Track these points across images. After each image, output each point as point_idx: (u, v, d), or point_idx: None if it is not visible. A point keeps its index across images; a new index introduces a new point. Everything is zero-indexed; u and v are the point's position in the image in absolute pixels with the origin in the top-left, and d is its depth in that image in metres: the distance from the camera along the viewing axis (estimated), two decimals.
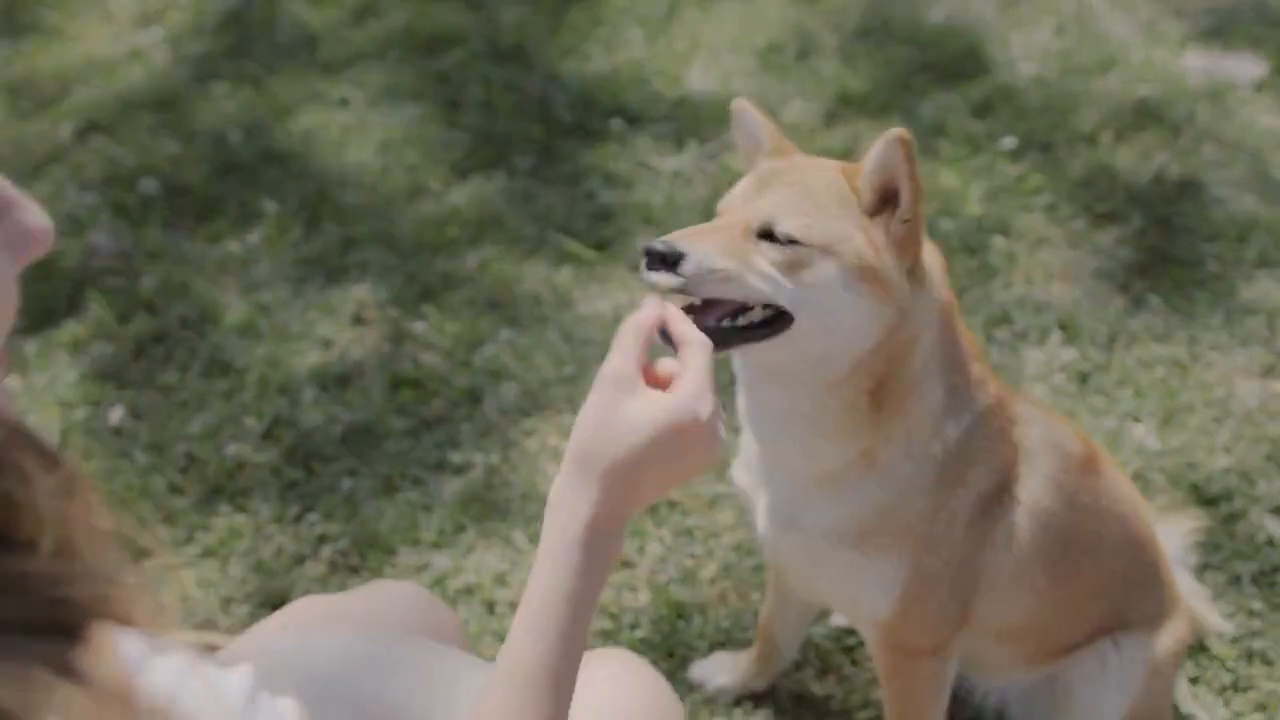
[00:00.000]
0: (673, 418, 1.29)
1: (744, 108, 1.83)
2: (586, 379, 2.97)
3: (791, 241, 1.63)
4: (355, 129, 3.79)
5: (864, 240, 1.65)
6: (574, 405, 2.91)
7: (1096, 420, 2.84)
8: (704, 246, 1.60)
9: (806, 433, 1.78)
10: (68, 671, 0.80)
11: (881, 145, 1.66)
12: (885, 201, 1.68)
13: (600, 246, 3.36)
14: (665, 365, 1.37)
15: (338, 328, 3.13)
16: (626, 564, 2.60)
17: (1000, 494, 1.85)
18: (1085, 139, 3.65)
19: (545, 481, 2.75)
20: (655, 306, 1.38)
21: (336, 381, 2.99)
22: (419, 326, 3.12)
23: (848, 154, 3.61)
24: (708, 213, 3.41)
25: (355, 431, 2.86)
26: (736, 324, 1.66)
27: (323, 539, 2.67)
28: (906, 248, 1.68)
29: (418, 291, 3.22)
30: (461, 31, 4.16)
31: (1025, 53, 4.00)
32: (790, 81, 3.93)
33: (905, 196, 1.66)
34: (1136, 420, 2.87)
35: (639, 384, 1.31)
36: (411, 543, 2.64)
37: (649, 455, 1.29)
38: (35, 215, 0.94)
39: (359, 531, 2.66)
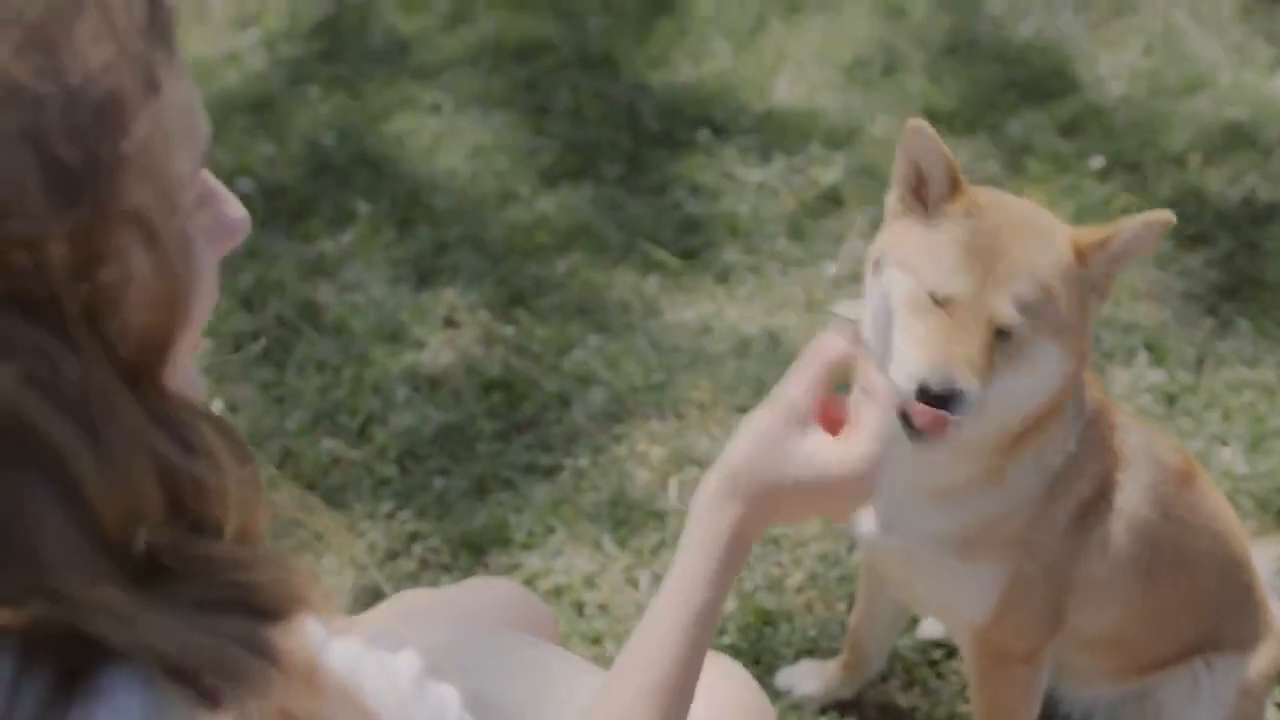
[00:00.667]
0: (837, 471, 1.29)
1: (920, 128, 1.73)
2: (674, 386, 3.01)
3: (1023, 334, 1.63)
4: (446, 134, 3.85)
5: (1086, 318, 1.66)
6: (662, 411, 2.95)
7: (1184, 442, 2.84)
8: (974, 381, 1.56)
9: (936, 458, 1.78)
10: (259, 649, 0.85)
11: (1143, 228, 1.64)
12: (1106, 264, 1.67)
13: (687, 256, 3.40)
14: (842, 405, 1.35)
15: (429, 329, 3.18)
16: None
17: (1099, 501, 1.86)
18: (1174, 160, 3.64)
19: (633, 486, 2.79)
20: (848, 342, 1.35)
21: (428, 382, 3.04)
22: (509, 330, 3.17)
23: None
24: (793, 225, 3.47)
25: (447, 432, 2.92)
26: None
27: (414, 536, 2.72)
28: (1105, 295, 1.69)
29: (508, 296, 3.28)
30: (550, 40, 4.22)
31: (1113, 72, 4.00)
32: (876, 96, 3.95)
33: (1128, 268, 1.68)
34: (1224, 444, 2.87)
35: (811, 423, 1.30)
36: (502, 543, 2.69)
37: (801, 494, 1.30)
38: (235, 207, 0.98)
39: (451, 530, 2.71)
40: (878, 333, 1.73)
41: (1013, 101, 3.89)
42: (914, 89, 3.96)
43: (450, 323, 3.21)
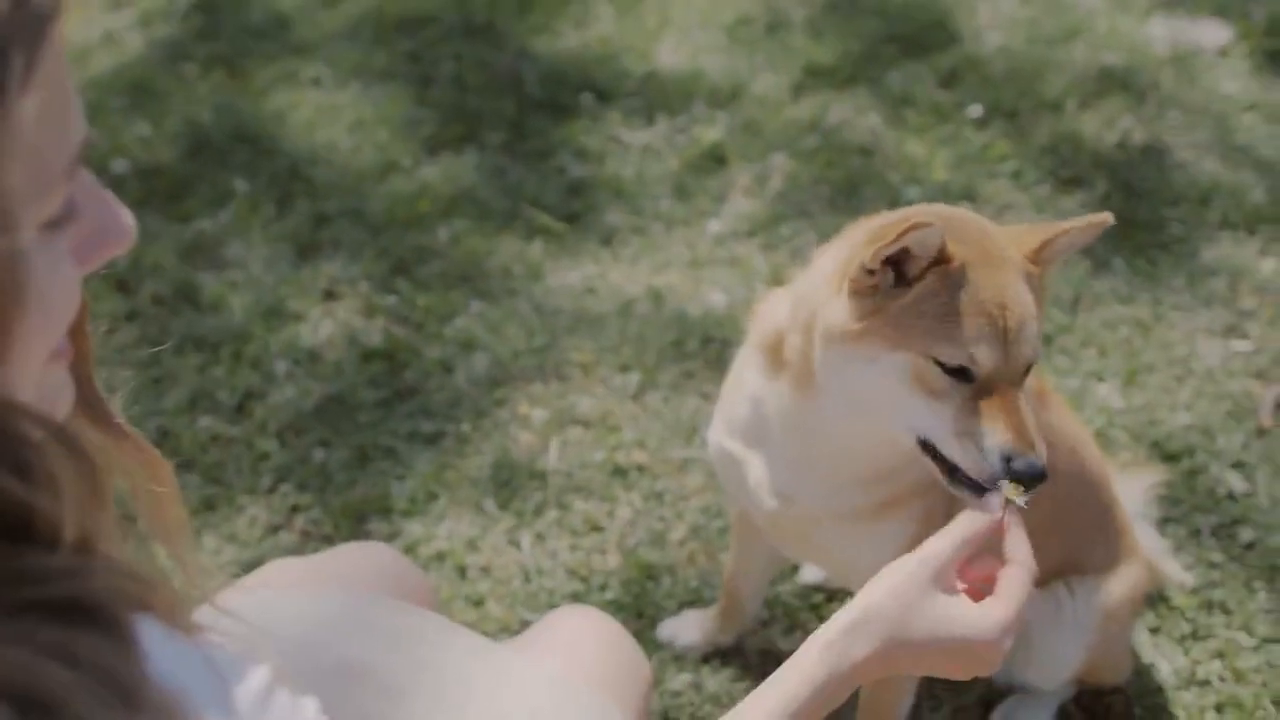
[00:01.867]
0: (974, 636, 1.33)
1: (928, 225, 1.54)
2: (556, 349, 3.00)
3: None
4: (327, 108, 3.81)
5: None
6: (544, 374, 2.94)
7: (1061, 380, 2.88)
8: (1045, 451, 1.58)
9: (879, 456, 1.78)
10: (74, 660, 0.80)
11: (1082, 232, 1.68)
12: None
13: (571, 220, 3.39)
14: (982, 568, 1.42)
15: (309, 303, 3.15)
16: (595, 528, 2.63)
17: None
18: (1051, 106, 3.68)
19: (515, 449, 2.78)
20: (1002, 514, 1.44)
21: (308, 356, 3.01)
22: (390, 300, 3.15)
23: (815, 124, 3.65)
24: (678, 186, 3.47)
25: (327, 404, 2.89)
26: None
27: (295, 509, 2.69)
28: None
29: (389, 266, 3.25)
30: (432, 10, 4.18)
31: (992, 22, 4.03)
32: (759, 55, 3.96)
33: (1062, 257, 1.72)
34: (1100, 379, 2.90)
35: (954, 583, 1.35)
36: (384, 511, 2.67)
37: (931, 652, 1.33)
38: (117, 214, 0.93)
39: (332, 501, 2.69)
40: (849, 404, 1.69)
41: (893, 54, 3.91)
42: (796, 46, 3.97)
43: (330, 295, 3.18)
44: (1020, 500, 1.48)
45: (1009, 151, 3.51)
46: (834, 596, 2.47)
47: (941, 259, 1.56)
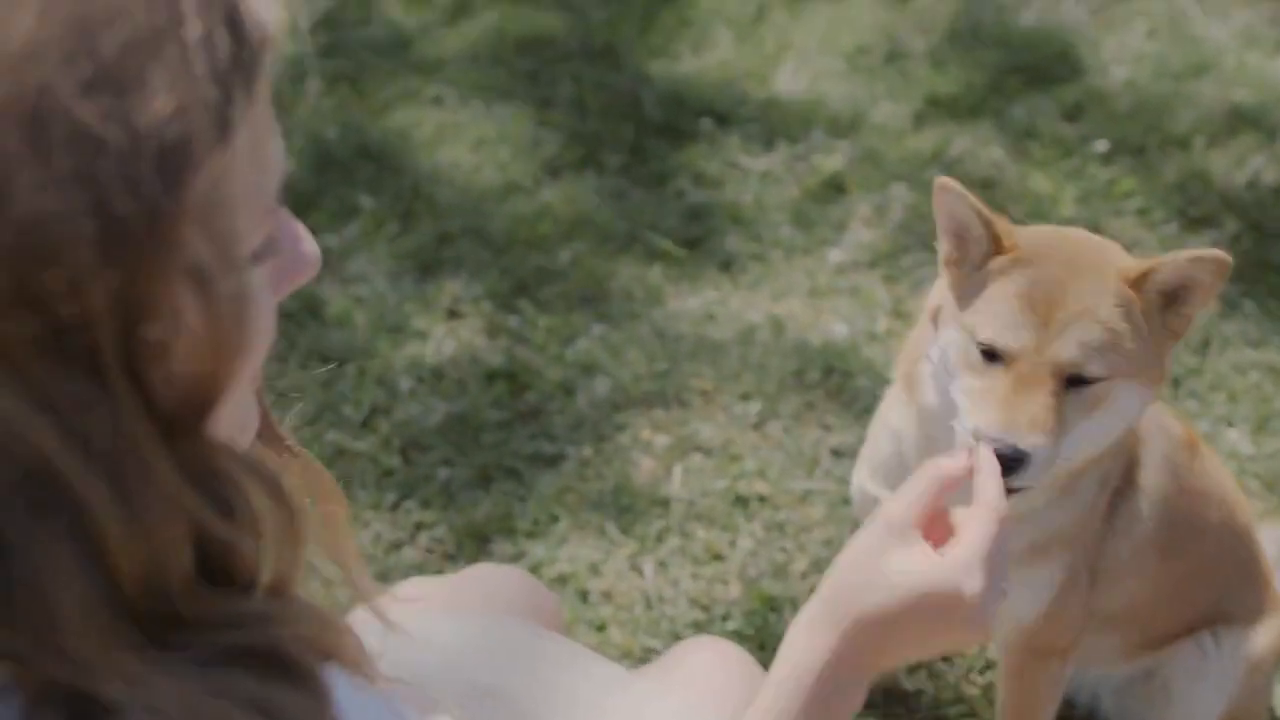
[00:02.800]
0: (932, 586, 1.17)
1: (946, 186, 1.63)
2: (677, 374, 3.00)
3: (1097, 379, 1.58)
4: (448, 127, 3.85)
5: (1157, 352, 1.61)
6: (665, 399, 2.95)
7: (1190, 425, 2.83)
8: (1042, 441, 1.51)
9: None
10: (268, 711, 0.80)
11: (1188, 263, 1.57)
12: (1170, 299, 1.61)
13: (690, 245, 3.40)
14: (958, 515, 1.25)
15: (433, 321, 3.18)
16: (717, 557, 2.63)
17: (1126, 482, 1.85)
18: (1178, 143, 3.63)
19: (637, 474, 2.79)
20: (966, 458, 1.27)
21: (432, 373, 3.04)
22: (512, 320, 3.17)
23: (937, 155, 3.63)
24: (797, 213, 3.46)
25: (451, 422, 2.92)
26: None
27: (419, 526, 2.72)
28: (1181, 335, 1.64)
29: (511, 286, 3.27)
30: (552, 31, 4.21)
31: (1117, 56, 3.99)
32: (879, 83, 3.95)
33: (1197, 308, 1.62)
34: (1230, 425, 2.86)
35: (912, 534, 1.20)
36: (506, 532, 2.69)
37: (900, 619, 1.18)
38: (307, 243, 0.93)
39: (455, 520, 2.71)
40: (941, 392, 1.70)
41: (1016, 86, 3.88)
42: (917, 75, 3.95)
43: (453, 314, 3.21)
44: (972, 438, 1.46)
45: (1135, 188, 3.47)
46: None
47: (999, 240, 1.60)
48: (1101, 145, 3.61)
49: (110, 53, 0.72)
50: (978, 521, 1.20)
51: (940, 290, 1.72)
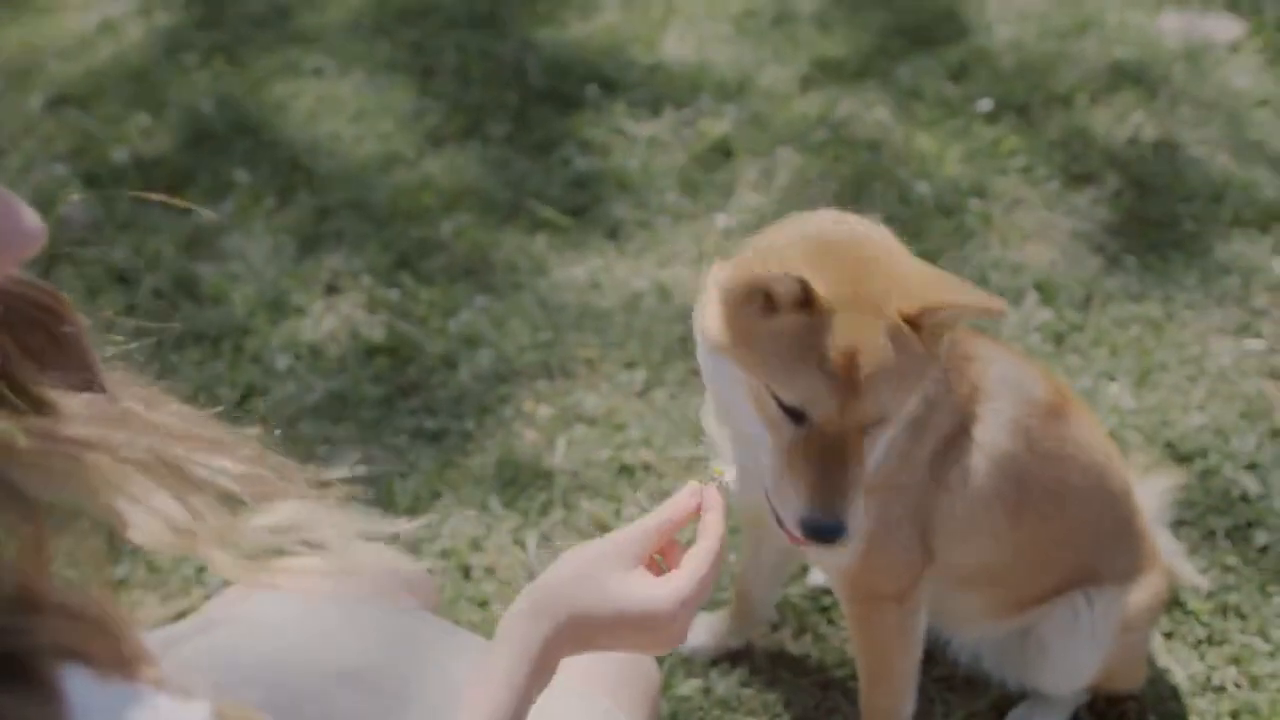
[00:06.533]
0: (648, 609, 1.32)
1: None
2: (562, 345, 2.96)
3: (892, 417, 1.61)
4: (328, 99, 3.76)
5: (929, 366, 1.60)
6: (550, 370, 2.91)
7: (1072, 380, 2.84)
8: (854, 508, 1.54)
9: None
10: None
11: (964, 307, 1.55)
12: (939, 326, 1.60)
13: (576, 213, 3.35)
14: (680, 556, 1.39)
15: (312, 297, 3.11)
16: (602, 528, 2.60)
17: (958, 435, 1.83)
18: (1061, 101, 3.64)
19: (520, 446, 2.74)
20: (692, 497, 1.41)
21: (310, 350, 2.97)
22: (393, 294, 3.11)
23: (823, 118, 3.61)
24: (684, 179, 3.42)
25: (330, 400, 2.85)
26: None
27: None
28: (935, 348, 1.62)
29: (392, 260, 3.21)
30: (436, 0, 4.13)
31: (1002, 15, 3.99)
32: (766, 47, 3.92)
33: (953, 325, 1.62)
34: (1112, 379, 2.87)
35: (634, 567, 1.34)
36: (386, 509, 2.63)
37: (607, 624, 1.32)
38: (21, 218, 0.86)
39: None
40: (722, 408, 1.72)
41: (902, 47, 3.87)
42: (804, 38, 3.93)
43: (333, 289, 3.14)
44: (726, 479, 1.46)
45: (1019, 146, 3.47)
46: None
47: (807, 300, 1.51)
48: (986, 104, 3.61)
49: None
50: (696, 562, 1.36)
51: (714, 322, 1.61)
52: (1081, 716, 2.27)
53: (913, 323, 1.54)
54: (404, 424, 2.80)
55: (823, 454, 1.55)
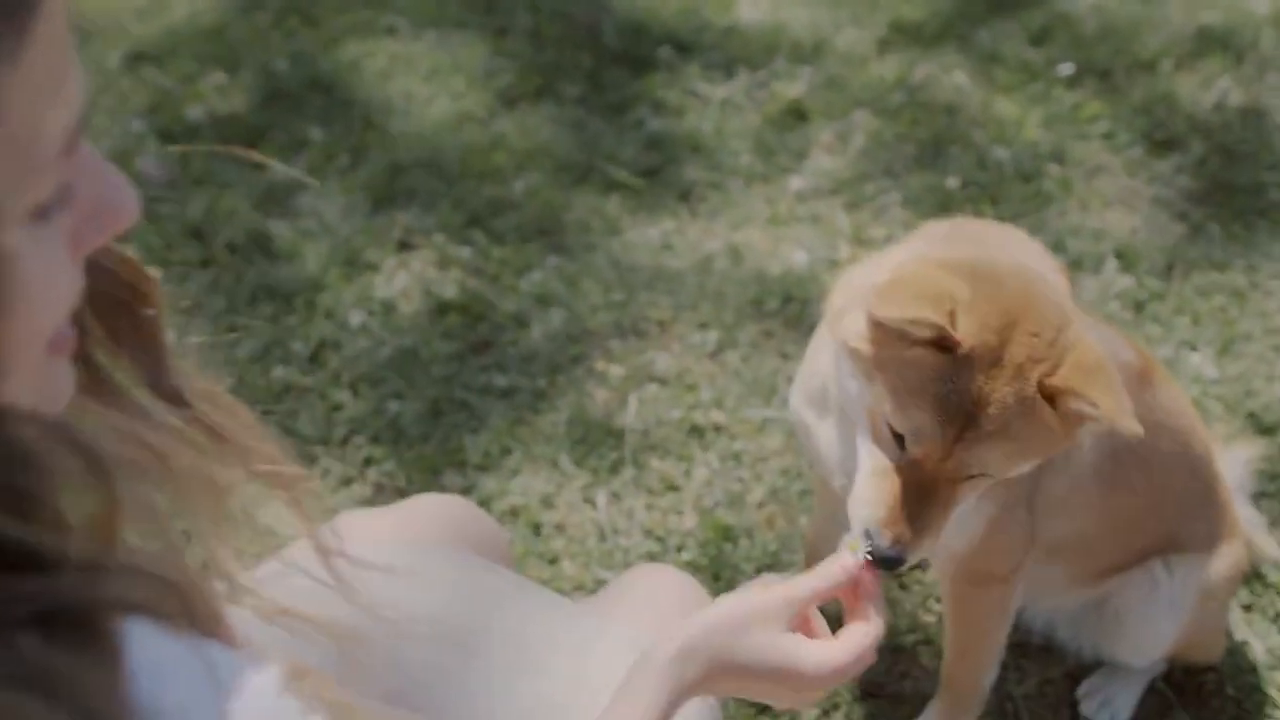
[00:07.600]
0: (805, 668, 1.32)
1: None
2: (634, 305, 2.95)
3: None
4: (401, 57, 3.76)
5: (1064, 445, 1.57)
6: (621, 330, 2.89)
7: (1153, 349, 2.79)
8: (919, 549, 1.52)
9: None
10: (49, 691, 0.73)
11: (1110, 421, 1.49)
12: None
13: (648, 175, 3.33)
14: (819, 626, 1.40)
15: (384, 254, 3.11)
16: (672, 488, 2.59)
17: None
18: (1145, 66, 3.57)
19: (591, 405, 2.74)
20: (842, 571, 1.40)
21: (383, 306, 2.98)
22: (465, 252, 3.10)
23: (900, 81, 3.56)
24: (758, 142, 3.39)
25: (401, 356, 2.86)
26: None
27: (369, 461, 2.67)
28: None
29: (465, 218, 3.20)
30: None
31: None
32: (843, 10, 3.86)
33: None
34: (1194, 349, 2.81)
35: (785, 631, 1.34)
36: (458, 465, 2.64)
37: (756, 675, 1.33)
38: (118, 191, 0.83)
39: (405, 454, 2.66)
40: (846, 399, 1.68)
41: (981, 11, 3.80)
42: (881, 1, 3.87)
43: (405, 246, 3.14)
44: (860, 554, 1.43)
45: (1101, 112, 3.41)
46: (919, 564, 2.41)
47: (946, 342, 1.47)
48: (1067, 69, 3.55)
49: None
50: (858, 636, 1.36)
51: (851, 325, 1.58)
52: (1159, 687, 2.24)
53: (1051, 400, 1.49)
54: (475, 381, 2.80)
55: (914, 487, 1.52)
